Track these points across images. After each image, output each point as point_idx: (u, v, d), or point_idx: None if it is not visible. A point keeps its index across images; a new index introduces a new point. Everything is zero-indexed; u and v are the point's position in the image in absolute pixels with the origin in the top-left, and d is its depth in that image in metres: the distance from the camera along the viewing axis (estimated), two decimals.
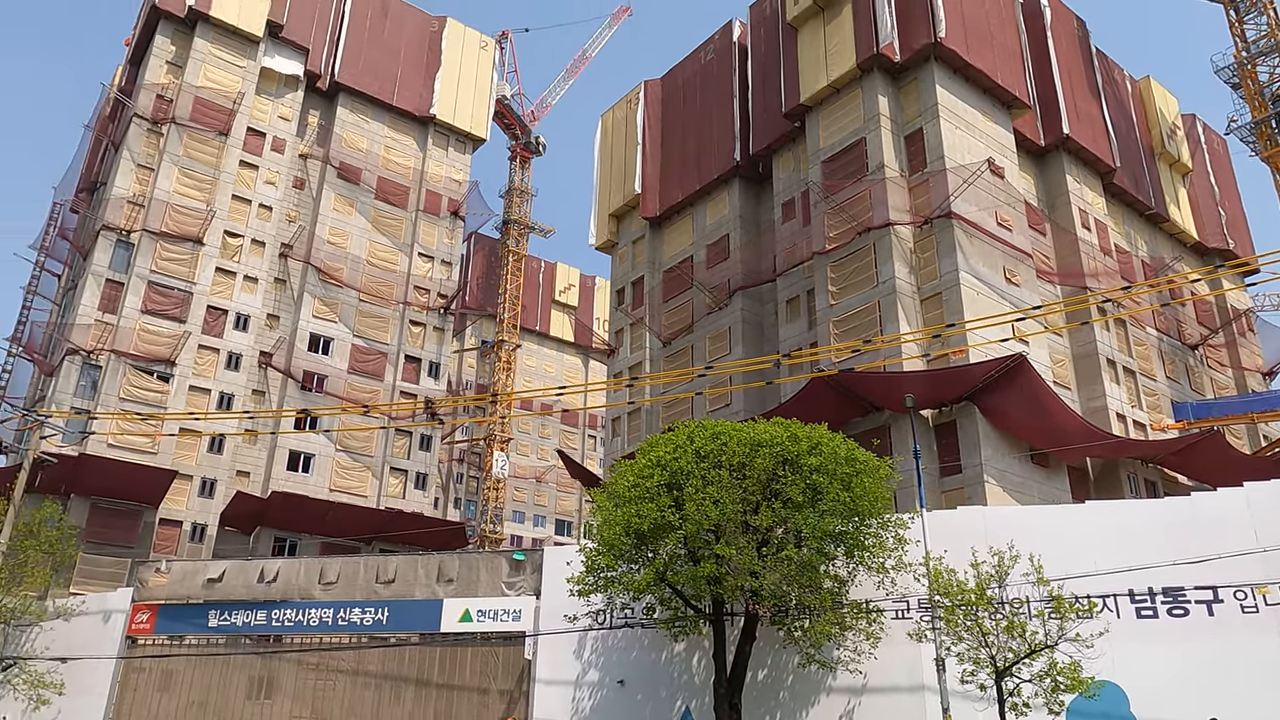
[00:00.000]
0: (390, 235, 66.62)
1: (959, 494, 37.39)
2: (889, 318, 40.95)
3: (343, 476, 59.00)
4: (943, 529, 24.92)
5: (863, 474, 23.40)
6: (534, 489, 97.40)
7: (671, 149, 59.63)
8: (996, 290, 41.87)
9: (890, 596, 24.26)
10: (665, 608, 24.36)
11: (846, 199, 44.84)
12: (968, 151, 44.14)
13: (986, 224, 43.08)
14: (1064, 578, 22.94)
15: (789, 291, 48.66)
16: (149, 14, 61.70)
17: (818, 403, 37.42)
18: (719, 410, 48.17)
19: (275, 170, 62.76)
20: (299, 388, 59.05)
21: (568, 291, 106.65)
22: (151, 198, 56.54)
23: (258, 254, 60.47)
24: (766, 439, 23.34)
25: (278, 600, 29.96)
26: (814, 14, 48.86)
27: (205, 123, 59.64)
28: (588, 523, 27.94)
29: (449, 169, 70.87)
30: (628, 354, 58.76)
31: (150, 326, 54.35)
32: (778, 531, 23.18)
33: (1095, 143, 52.24)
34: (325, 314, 61.79)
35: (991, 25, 47.99)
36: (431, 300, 66.65)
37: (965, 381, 37.21)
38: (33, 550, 31.63)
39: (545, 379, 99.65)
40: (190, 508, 53.39)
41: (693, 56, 60.56)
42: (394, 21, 70.59)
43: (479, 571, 28.82)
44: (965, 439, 38.42)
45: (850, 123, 46.46)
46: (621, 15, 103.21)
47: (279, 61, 64.13)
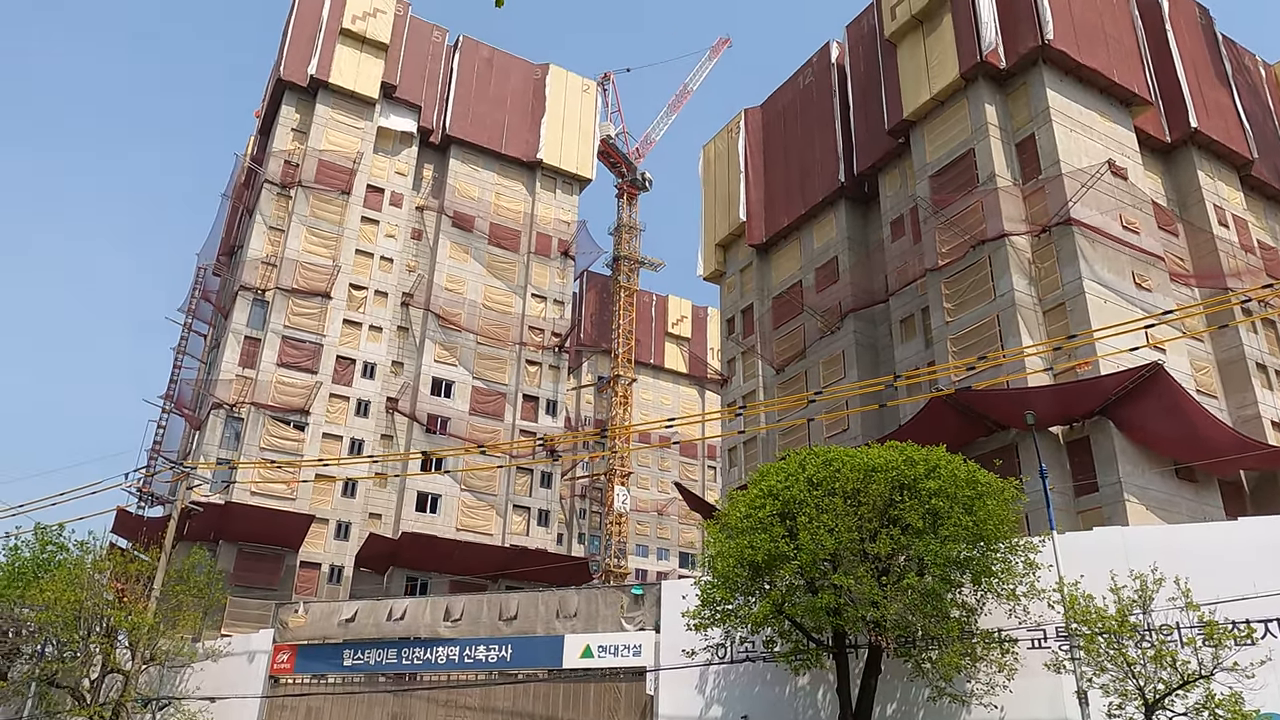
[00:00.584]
0: (504, 278, 68.53)
1: (1097, 514, 35.35)
2: (1009, 332, 39.35)
3: (468, 516, 60.53)
4: (1078, 552, 23.61)
5: (986, 496, 22.40)
6: (656, 522, 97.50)
7: (775, 175, 59.37)
8: (1126, 297, 39.68)
9: (1024, 625, 23.03)
10: (785, 640, 23.81)
11: (957, 212, 43.54)
12: (1085, 154, 42.25)
13: (1110, 228, 41.01)
14: (1216, 601, 21.30)
15: (903, 311, 47.44)
16: (275, 86, 65.88)
17: (938, 424, 36.23)
18: (836, 436, 47.19)
19: (394, 223, 65.62)
20: (424, 431, 61.11)
21: (680, 323, 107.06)
22: (283, 257, 59.96)
23: (381, 304, 63.17)
24: (881, 464, 22.65)
25: (407, 639, 30.80)
26: (913, 27, 47.97)
27: (328, 183, 63.00)
28: (691, 554, 27.74)
29: (557, 210, 72.53)
30: (740, 383, 58.39)
31: (285, 378, 57.36)
32: (898, 559, 22.39)
33: (1228, 134, 49.17)
34: (445, 358, 63.92)
35: (1104, 22, 45.99)
36: (546, 339, 68.04)
37: (1096, 395, 35.30)
38: (184, 595, 33.62)
39: (662, 411, 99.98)
40: (327, 550, 55.74)
41: (791, 81, 60.33)
42: (499, 73, 73.12)
43: (598, 607, 28.93)
44: (1100, 456, 36.37)
45: (957, 134, 45.24)
46: (721, 47, 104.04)
47: (394, 120, 67.27)
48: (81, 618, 30.35)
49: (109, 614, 30.57)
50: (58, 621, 30.27)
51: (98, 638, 30.88)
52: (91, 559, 33.71)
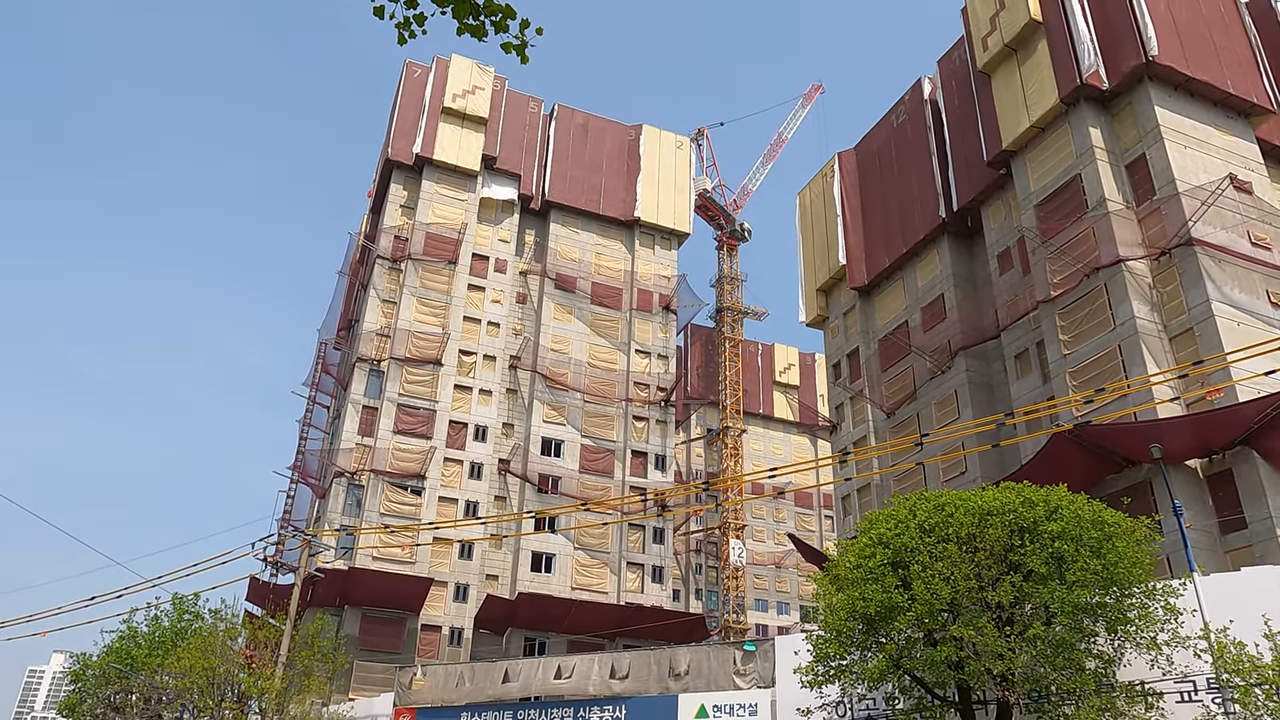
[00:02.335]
0: (607, 336, 69.36)
1: (1247, 553, 32.69)
2: (1133, 361, 37.25)
3: (583, 574, 60.61)
4: (1226, 595, 21.82)
5: (1115, 538, 20.96)
6: (774, 575, 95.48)
7: (873, 216, 58.52)
8: (1261, 317, 37.12)
9: (1169, 676, 21.31)
10: (907, 697, 22.68)
11: (1067, 240, 41.82)
12: (1203, 170, 40.10)
13: (1238, 245, 38.61)
14: None
15: (1016, 346, 45.61)
16: (384, 166, 69.27)
17: (1062, 462, 34.39)
18: (953, 480, 45.39)
19: (499, 289, 67.50)
20: (535, 491, 61.84)
21: (788, 371, 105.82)
22: (395, 328, 62.33)
23: (489, 368, 64.75)
24: (997, 506, 21.55)
25: (525, 700, 30.78)
26: (1006, 56, 46.90)
27: (436, 254, 65.43)
28: (810, 608, 26.82)
29: (657, 266, 73.26)
30: (850, 428, 57.03)
31: (401, 445, 59.16)
32: (1023, 608, 21.13)
33: None
34: (554, 418, 64.81)
35: (1213, 32, 43.93)
36: (651, 394, 68.25)
37: (1236, 424, 32.92)
38: (310, 660, 34.60)
39: (773, 461, 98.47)
40: (447, 612, 56.62)
41: (884, 121, 59.69)
42: (594, 137, 74.99)
43: (710, 664, 28.31)
44: (1246, 489, 33.76)
45: (1061, 160, 43.68)
46: (814, 94, 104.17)
47: (495, 189, 69.65)
48: (214, 684, 31.56)
49: (239, 680, 31.68)
50: (193, 688, 31.55)
51: (230, 704, 32.01)
52: (224, 626, 35.15)
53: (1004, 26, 46.63)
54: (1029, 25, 45.25)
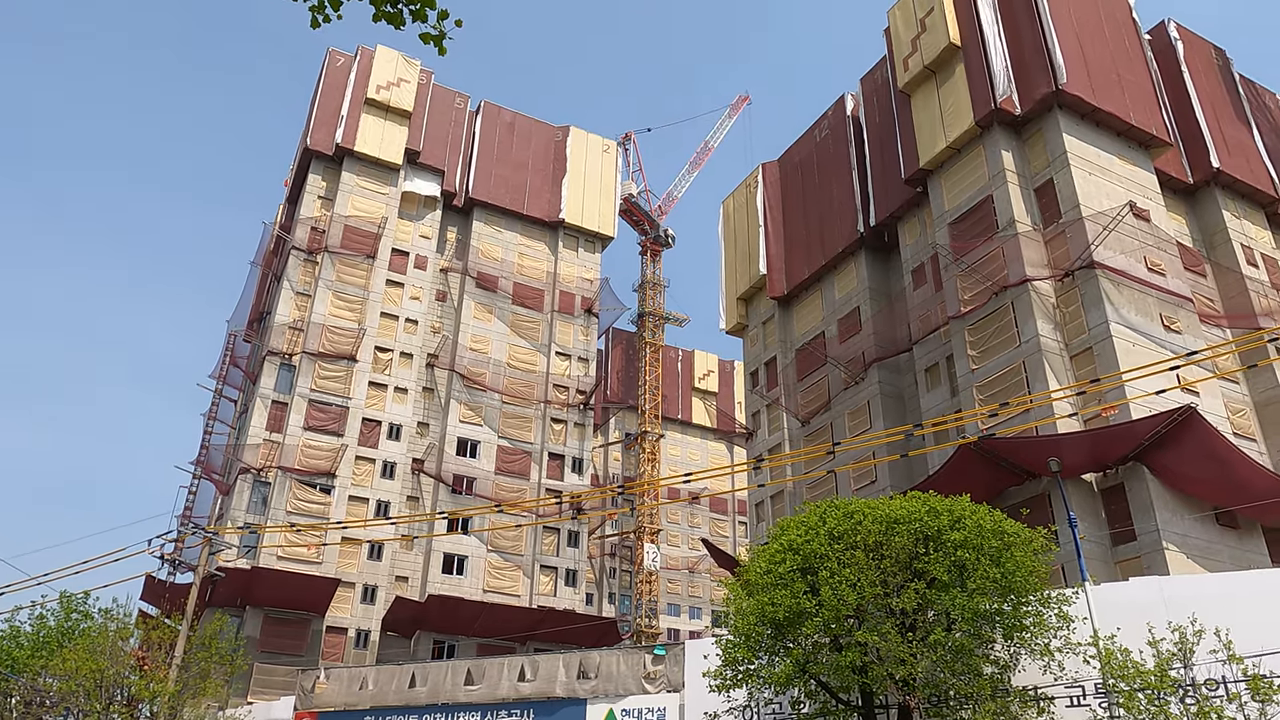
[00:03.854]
0: (528, 337, 68.89)
1: (1136, 564, 34.23)
2: (1036, 378, 38.68)
3: (495, 577, 59.97)
4: (1114, 604, 22.76)
5: (1014, 547, 21.67)
6: (687, 580, 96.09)
7: (794, 227, 59.50)
8: (1154, 339, 38.95)
9: (1060, 682, 22.12)
10: (812, 701, 23.04)
11: (978, 259, 43.22)
12: (1105, 197, 41.91)
13: (1135, 270, 40.45)
14: (1262, 654, 20.36)
15: (927, 360, 46.91)
16: (302, 155, 67.49)
17: (967, 473, 35.48)
18: (863, 488, 46.40)
19: (419, 286, 66.41)
20: (450, 491, 60.98)
21: (707, 378, 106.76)
22: (309, 322, 60.74)
23: (406, 366, 63.62)
24: (904, 515, 22.06)
25: (426, 705, 30.26)
26: (926, 78, 48.26)
27: (354, 248, 64.01)
28: (721, 613, 27.02)
29: (580, 269, 73.10)
30: (766, 436, 57.81)
31: (312, 442, 57.65)
32: (925, 615, 21.68)
33: (1252, 173, 48.67)
34: (471, 418, 64.02)
35: (1118, 65, 45.98)
36: (571, 397, 68.03)
37: (1129, 440, 34.44)
38: (207, 662, 33.31)
39: (690, 467, 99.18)
40: (354, 614, 55.34)
41: (808, 135, 60.78)
42: (520, 136, 74.47)
43: (620, 668, 28.29)
44: (1136, 503, 35.35)
45: (974, 181, 45.13)
46: (741, 105, 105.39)
47: (418, 184, 68.52)
48: (103, 686, 30.14)
49: (130, 683, 30.35)
50: (79, 691, 30.09)
51: (119, 707, 30.62)
52: (115, 626, 33.62)
53: (924, 49, 47.99)
54: (948, 49, 46.65)
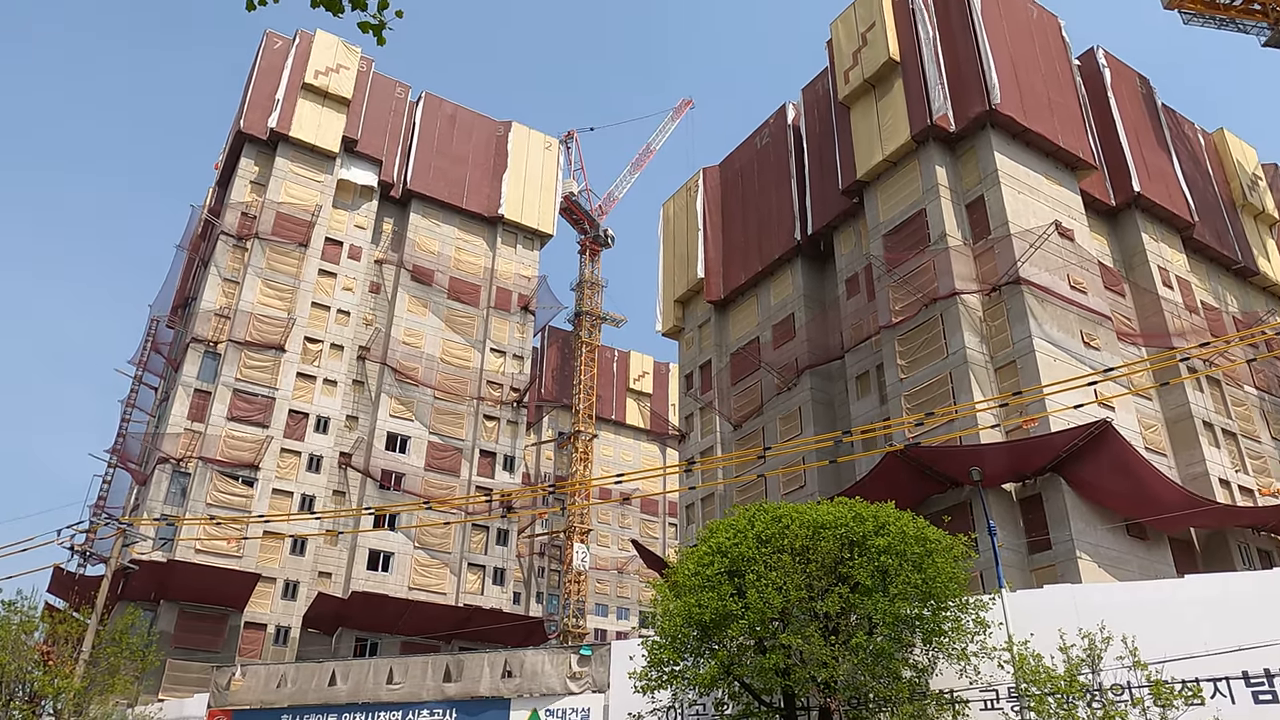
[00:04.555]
0: (463, 333, 68.17)
1: (1051, 571, 35.33)
2: (962, 389, 39.67)
3: (421, 574, 59.19)
4: (1028, 610, 23.43)
5: (935, 554, 22.19)
6: (616, 580, 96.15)
7: (733, 232, 60.01)
8: (1074, 355, 40.27)
9: (976, 685, 22.70)
10: (735, 703, 23.25)
11: (910, 271, 44.15)
12: (1033, 215, 43.20)
13: (1059, 288, 41.78)
14: (1164, 660, 21.21)
15: (858, 368, 47.75)
16: (235, 138, 65.71)
17: (893, 480, 36.16)
18: (792, 493, 47.01)
19: (352, 277, 65.21)
20: (378, 487, 59.98)
21: (642, 379, 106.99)
22: (236, 309, 59.17)
23: (336, 358, 62.39)
24: (830, 520, 22.41)
25: (346, 704, 29.71)
26: (865, 91, 49.13)
27: (286, 235, 62.55)
28: (649, 614, 27.11)
29: (518, 265, 72.61)
30: (699, 439, 58.18)
31: (236, 433, 56.16)
32: (848, 618, 22.04)
33: (1170, 199, 50.65)
34: (402, 413, 63.08)
35: (1048, 89, 47.44)
36: (504, 394, 67.51)
37: (1047, 452, 35.55)
38: (117, 658, 32.17)
39: (623, 467, 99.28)
40: (274, 610, 54.06)
41: (749, 141, 61.37)
42: (461, 129, 73.67)
43: (545, 667, 28.17)
44: (1053, 513, 36.50)
45: (909, 195, 46.10)
46: (684, 108, 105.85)
47: (354, 173, 67.28)
48: (3, 681, 28.90)
49: (32, 679, 29.16)
50: None
51: (20, 704, 29.39)
52: (19, 619, 32.25)
53: (865, 63, 48.86)
54: (888, 64, 47.58)
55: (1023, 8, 49.49)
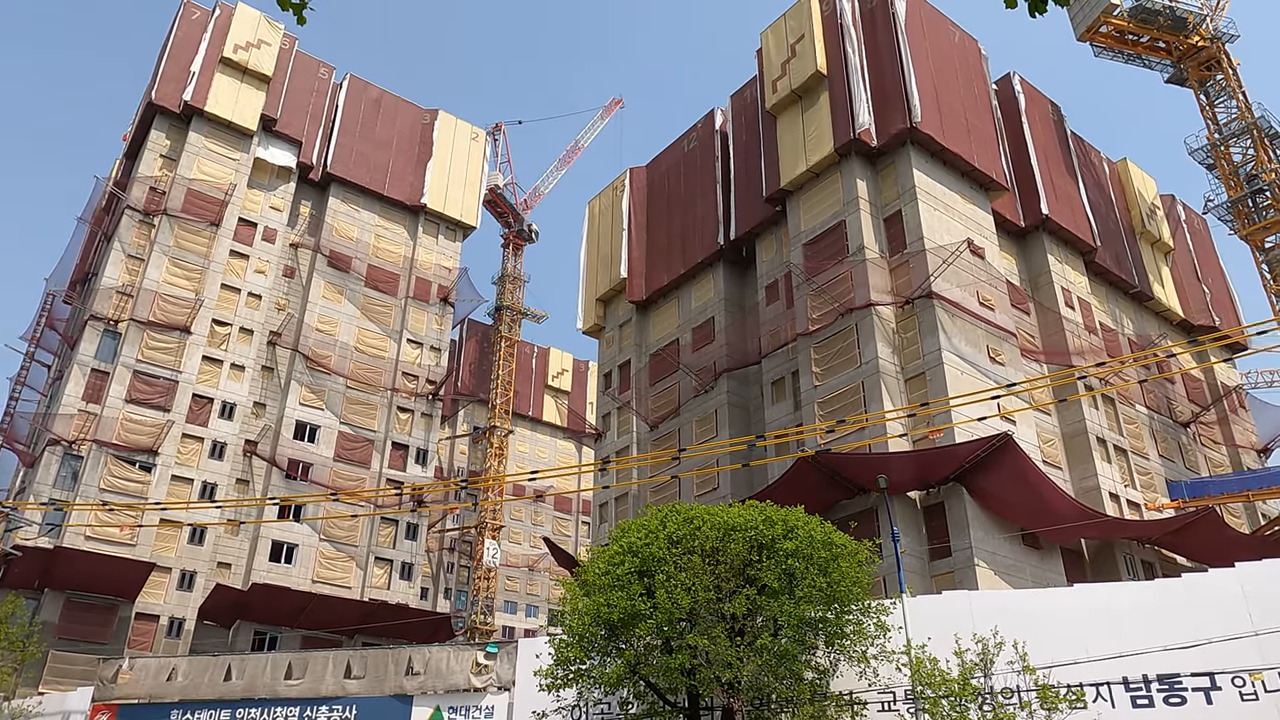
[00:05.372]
0: (379, 322, 66.85)
1: (949, 578, 36.48)
2: (873, 398, 40.64)
3: (326, 567, 57.83)
4: (927, 615, 24.13)
5: (841, 558, 22.68)
6: (526, 578, 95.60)
7: (657, 234, 60.27)
8: (980, 369, 41.66)
9: (874, 687, 23.28)
10: (640, 702, 23.35)
11: (828, 280, 45.03)
12: (947, 232, 44.52)
13: (968, 304, 43.15)
14: (1052, 665, 22.11)
15: (774, 373, 48.47)
16: (146, 110, 63.12)
17: (803, 485, 36.79)
18: (706, 495, 47.45)
19: (265, 259, 63.31)
20: (283, 476, 58.36)
21: (561, 376, 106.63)
22: (140, 288, 56.85)
23: (245, 342, 60.49)
24: (740, 523, 22.69)
25: (241, 699, 28.82)
26: (792, 101, 49.93)
27: (197, 214, 60.38)
28: (557, 612, 27.05)
29: (439, 256, 71.56)
30: (615, 438, 58.26)
31: (134, 416, 53.96)
32: (754, 620, 22.35)
33: (1075, 223, 52.80)
34: (312, 401, 61.52)
35: (967, 111, 48.97)
36: (420, 387, 66.45)
37: (951, 462, 36.68)
38: None
39: (538, 464, 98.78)
40: (168, 601, 52.12)
41: (677, 144, 61.72)
42: (386, 114, 72.23)
43: (450, 664, 27.81)
44: (954, 521, 37.69)
45: (830, 206, 47.01)
46: (614, 107, 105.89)
47: (272, 153, 65.34)
48: None
49: None
50: None
51: None
52: None
53: (793, 74, 49.64)
54: (815, 76, 48.44)
55: (945, 31, 50.98)
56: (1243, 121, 53.29)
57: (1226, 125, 54.09)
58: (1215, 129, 54.41)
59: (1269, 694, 22.28)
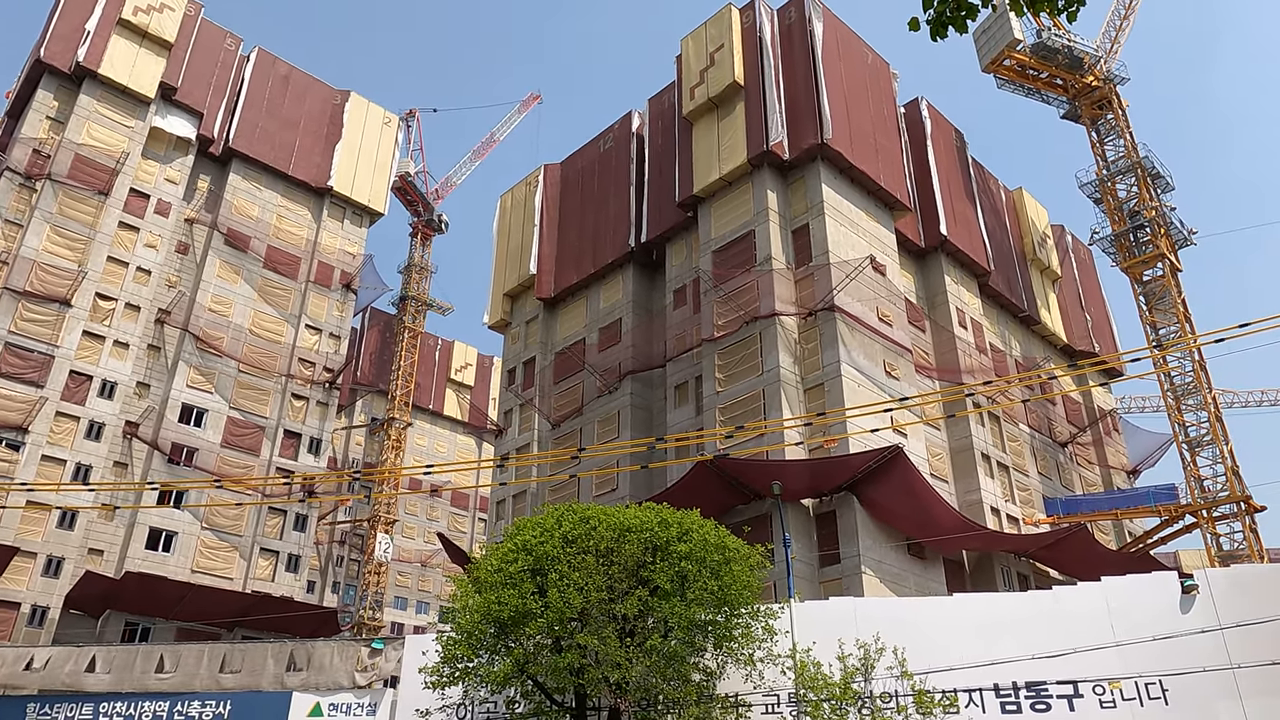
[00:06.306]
0: (277, 305, 64.68)
1: (838, 584, 37.38)
2: (773, 406, 41.36)
3: (207, 557, 55.59)
4: (815, 620, 24.65)
5: (733, 562, 22.98)
6: (419, 574, 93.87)
7: (568, 232, 60.05)
8: (876, 383, 42.87)
9: (759, 690, 23.67)
10: (527, 701, 23.17)
11: (735, 288, 45.65)
12: (851, 248, 45.67)
13: (868, 318, 44.35)
14: (929, 671, 22.88)
15: (678, 377, 48.86)
16: (33, 67, 59.64)
17: (701, 489, 37.20)
18: (605, 495, 47.47)
19: (157, 234, 60.54)
20: (166, 461, 55.87)
21: (464, 371, 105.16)
22: (17, 255, 53.65)
23: (131, 319, 57.71)
24: (636, 524, 22.76)
25: (107, 693, 27.43)
26: (709, 110, 50.45)
27: (84, 181, 57.34)
28: (448, 609, 26.60)
29: (343, 241, 69.71)
30: (516, 435, 57.78)
31: (4, 390, 50.86)
32: (645, 621, 22.45)
33: (972, 246, 54.88)
34: (201, 384, 59.10)
35: (876, 131, 50.36)
36: (317, 374, 64.55)
37: (844, 471, 37.61)
38: None
39: (436, 458, 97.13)
40: (32, 588, 49.28)
41: (593, 144, 61.63)
42: (295, 91, 70.00)
43: (334, 660, 27.06)
44: (844, 529, 38.66)
45: (741, 215, 47.68)
46: (531, 102, 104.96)
47: (171, 122, 62.56)
48: None
49: None
50: None
51: None
52: None
53: (711, 82, 50.17)
54: (732, 86, 49.07)
55: (859, 52, 52.34)
56: (1129, 160, 56.29)
57: (1114, 162, 57.04)
58: (1104, 165, 57.31)
59: (1125, 702, 23.58)
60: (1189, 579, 24.58)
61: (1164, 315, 53.53)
